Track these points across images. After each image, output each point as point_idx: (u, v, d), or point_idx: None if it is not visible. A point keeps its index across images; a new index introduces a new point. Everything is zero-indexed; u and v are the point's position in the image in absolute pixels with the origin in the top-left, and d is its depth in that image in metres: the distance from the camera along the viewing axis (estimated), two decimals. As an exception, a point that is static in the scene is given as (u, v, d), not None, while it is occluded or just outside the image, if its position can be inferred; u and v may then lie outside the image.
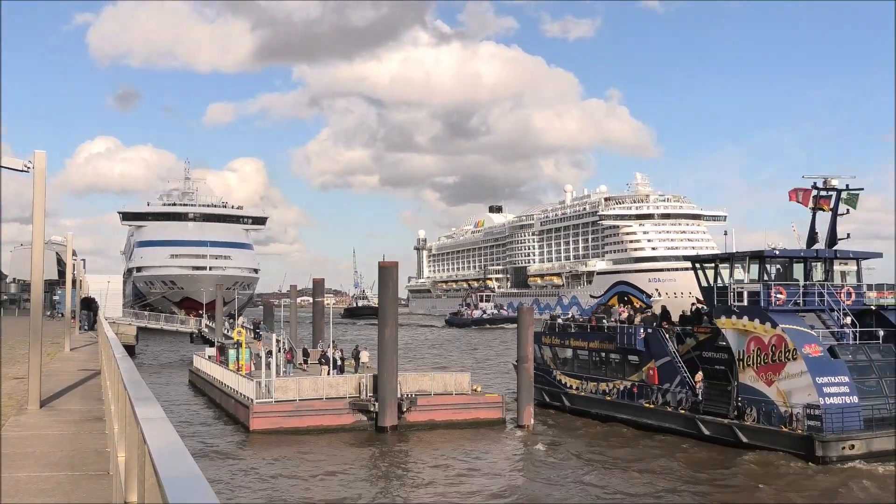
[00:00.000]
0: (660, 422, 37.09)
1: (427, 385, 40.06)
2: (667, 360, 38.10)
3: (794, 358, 32.29)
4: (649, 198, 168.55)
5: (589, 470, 30.44)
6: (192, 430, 37.88)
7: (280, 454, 32.39)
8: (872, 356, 33.95)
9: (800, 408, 31.46)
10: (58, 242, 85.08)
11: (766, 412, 32.73)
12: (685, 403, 36.29)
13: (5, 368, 23.90)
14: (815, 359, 32.06)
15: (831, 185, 38.31)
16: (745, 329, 34.54)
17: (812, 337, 33.12)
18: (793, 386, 32.10)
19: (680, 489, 27.75)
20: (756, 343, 33.86)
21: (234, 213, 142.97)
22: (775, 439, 31.95)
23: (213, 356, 52.97)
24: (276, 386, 37.87)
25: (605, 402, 41.00)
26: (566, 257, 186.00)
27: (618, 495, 26.71)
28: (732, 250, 38.77)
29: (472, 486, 27.66)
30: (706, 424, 34.67)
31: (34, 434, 12.67)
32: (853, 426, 30.84)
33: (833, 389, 31.31)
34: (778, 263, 37.39)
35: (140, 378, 7.98)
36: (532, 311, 44.61)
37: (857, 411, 31.16)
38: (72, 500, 8.43)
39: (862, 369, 33.21)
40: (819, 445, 30.05)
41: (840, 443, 30.20)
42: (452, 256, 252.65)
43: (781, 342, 32.87)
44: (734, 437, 33.30)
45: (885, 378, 33.14)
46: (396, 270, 40.81)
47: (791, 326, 33.20)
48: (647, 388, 38.66)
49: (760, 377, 33.48)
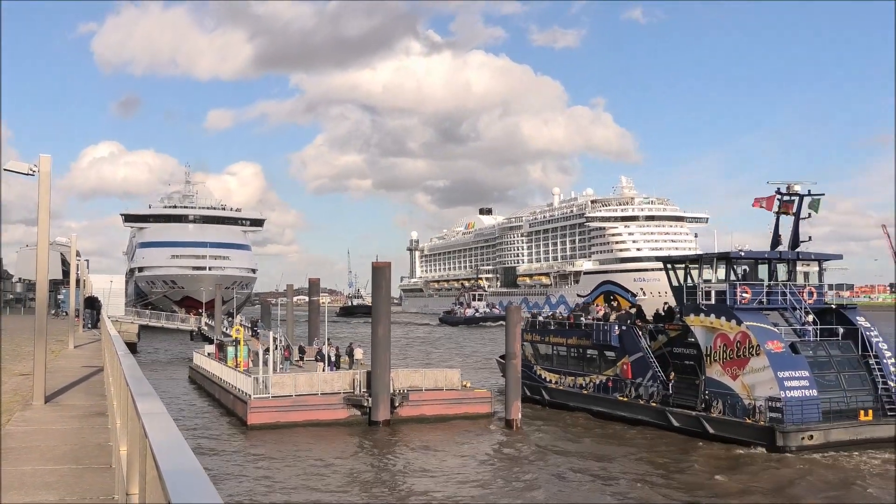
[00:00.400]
0: (633, 414, 37.71)
1: (418, 381, 40.05)
2: (639, 356, 38.72)
3: (757, 353, 32.95)
4: (634, 200, 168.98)
5: (571, 460, 30.52)
6: (192, 424, 37.81)
7: (277, 448, 32.34)
8: (832, 352, 34.57)
9: (762, 400, 32.09)
10: (62, 243, 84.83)
11: (732, 405, 33.38)
12: (656, 396, 37.00)
13: (11, 365, 23.82)
14: (776, 354, 32.71)
15: (794, 191, 39.18)
16: (712, 326, 35.26)
17: (774, 334, 33.84)
18: (756, 380, 32.76)
19: (649, 477, 28.08)
20: (722, 339, 34.54)
21: (232, 216, 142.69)
22: (739, 430, 32.54)
23: (213, 353, 52.81)
24: (272, 382, 37.80)
25: (582, 396, 41.74)
26: (554, 258, 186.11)
27: (597, 482, 26.76)
28: (715, 251, 39.24)
29: (461, 478, 27.65)
30: (675, 416, 35.34)
31: (39, 429, 12.65)
32: (812, 418, 31.49)
33: (793, 383, 32.00)
34: (744, 264, 38.23)
35: (141, 374, 7.98)
36: (520, 310, 44.63)
37: (815, 404, 31.82)
38: (75, 493, 8.42)
39: (821, 364, 33.79)
40: (780, 436, 30.71)
41: (799, 433, 30.79)
42: (444, 257, 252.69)
43: (746, 338, 33.53)
44: (701, 429, 33.94)
45: (843, 373, 33.82)
46: (389, 271, 40.80)
47: (755, 324, 33.88)
48: (621, 382, 39.34)
49: (726, 372, 34.14)
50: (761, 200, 39.60)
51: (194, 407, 44.36)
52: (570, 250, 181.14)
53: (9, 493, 8.37)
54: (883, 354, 34.39)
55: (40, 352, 15.63)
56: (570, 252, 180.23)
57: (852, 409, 32.54)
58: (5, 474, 9.28)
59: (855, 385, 33.58)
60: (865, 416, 32.38)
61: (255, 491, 25.52)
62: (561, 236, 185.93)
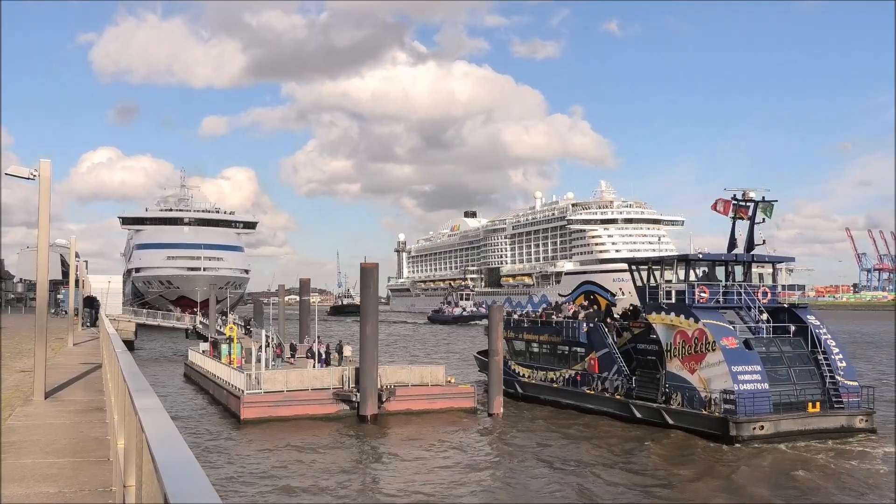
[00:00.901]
0: (599, 406, 38.36)
1: (405, 377, 40.03)
2: (606, 352, 39.50)
3: (713, 349, 33.58)
4: (613, 204, 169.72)
5: (548, 451, 30.64)
6: (187, 419, 37.65)
7: (269, 441, 32.25)
8: (783, 348, 35.20)
9: (717, 393, 32.74)
10: (62, 245, 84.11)
11: (689, 397, 34.09)
12: (621, 390, 37.67)
13: (13, 362, 23.69)
14: (731, 350, 33.35)
15: (749, 197, 39.82)
16: (672, 324, 35.90)
17: (729, 331, 34.39)
18: (712, 374, 33.39)
19: (615, 464, 28.60)
20: (681, 336, 35.20)
21: (226, 218, 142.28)
22: (696, 421, 33.25)
23: (207, 351, 52.57)
24: (265, 378, 37.71)
25: (553, 389, 42.26)
26: (536, 259, 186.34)
27: (569, 472, 26.83)
28: (690, 253, 39.84)
29: (446, 469, 27.65)
30: (638, 408, 36.09)
31: (39, 423, 12.59)
32: (763, 409, 32.12)
33: (746, 377, 32.62)
34: (702, 266, 39.38)
35: (138, 371, 7.96)
36: (502, 309, 44.72)
37: (767, 396, 32.46)
38: (74, 485, 8.39)
39: (773, 360, 34.41)
40: (733, 426, 31.35)
41: (751, 424, 31.44)
42: (430, 258, 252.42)
43: (703, 335, 34.14)
44: (662, 419, 34.66)
45: (794, 367, 34.44)
46: (377, 271, 40.75)
47: (711, 321, 34.53)
48: (588, 377, 39.98)
49: (685, 366, 34.80)
50: (718, 205, 40.21)
51: (189, 402, 44.16)
52: (551, 251, 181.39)
53: (10, 485, 8.33)
54: (831, 350, 34.95)
55: (40, 349, 15.55)
56: (552, 253, 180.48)
57: (801, 402, 33.26)
58: (7, 467, 9.23)
59: (804, 379, 34.23)
60: (813, 409, 33.11)
61: (247, 482, 25.43)
62: (543, 238, 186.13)
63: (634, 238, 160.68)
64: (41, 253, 16.09)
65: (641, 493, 24.83)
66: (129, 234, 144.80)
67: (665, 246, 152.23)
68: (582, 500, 23.81)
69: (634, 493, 24.73)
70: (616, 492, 24.74)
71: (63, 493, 8.02)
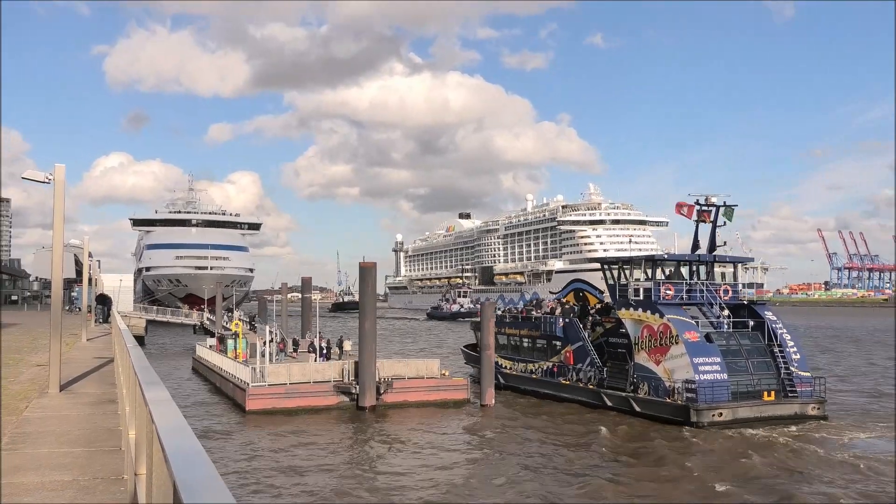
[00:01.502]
0: (573, 395, 39.10)
1: (402, 370, 39.99)
2: (580, 345, 40.40)
3: (676, 342, 34.46)
4: (601, 206, 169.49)
5: (534, 438, 30.86)
6: (195, 410, 37.55)
7: (273, 431, 32.21)
8: (742, 341, 35.95)
9: (680, 383, 33.63)
10: (76, 245, 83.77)
11: (655, 386, 34.99)
12: (593, 380, 38.52)
13: (29, 356, 23.61)
14: (693, 343, 34.19)
15: (711, 202, 40.55)
16: (639, 319, 36.76)
17: (692, 325, 35.34)
18: (675, 365, 34.28)
19: (588, 447, 29.38)
20: (648, 330, 36.06)
21: (231, 220, 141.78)
22: (661, 408, 34.13)
23: (214, 346, 52.52)
24: (269, 371, 37.65)
25: (532, 380, 43.04)
26: (528, 258, 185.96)
27: (552, 456, 26.90)
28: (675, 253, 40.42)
29: (440, 456, 27.64)
30: (608, 397, 36.95)
31: (55, 415, 12.55)
32: (722, 398, 33.02)
33: (707, 368, 33.53)
34: (668, 266, 40.30)
35: (149, 365, 7.93)
36: (493, 306, 44.81)
37: (725, 386, 33.34)
38: (88, 473, 8.36)
39: (732, 352, 35.20)
40: (694, 413, 32.36)
41: (710, 411, 32.39)
42: (426, 257, 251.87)
43: (667, 329, 35.03)
44: (630, 407, 35.49)
45: (751, 359, 35.26)
46: (375, 270, 40.71)
47: (675, 317, 35.41)
48: (564, 368, 40.82)
49: (651, 358, 35.65)
50: (682, 208, 40.81)
51: (197, 394, 44.07)
52: (542, 251, 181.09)
53: (27, 473, 8.31)
54: (786, 344, 35.75)
55: (55, 344, 15.50)
56: (543, 253, 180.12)
57: (758, 391, 34.19)
58: (24, 456, 9.20)
59: (761, 370, 35.01)
60: (769, 397, 34.10)
61: (253, 470, 25.40)
62: (534, 238, 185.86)
63: (621, 238, 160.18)
64: (56, 253, 16.04)
65: (611, 473, 25.09)
66: (139, 235, 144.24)
67: (650, 246, 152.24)
68: (560, 481, 23.85)
69: (605, 472, 25.01)
70: (590, 468, 24.82)
71: (77, 481, 7.99)
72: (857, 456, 27.17)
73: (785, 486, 23.59)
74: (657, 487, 23.77)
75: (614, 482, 24.14)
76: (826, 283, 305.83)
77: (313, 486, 23.50)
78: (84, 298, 44.67)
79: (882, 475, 24.58)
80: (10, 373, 18.29)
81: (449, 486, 23.56)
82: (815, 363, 59.24)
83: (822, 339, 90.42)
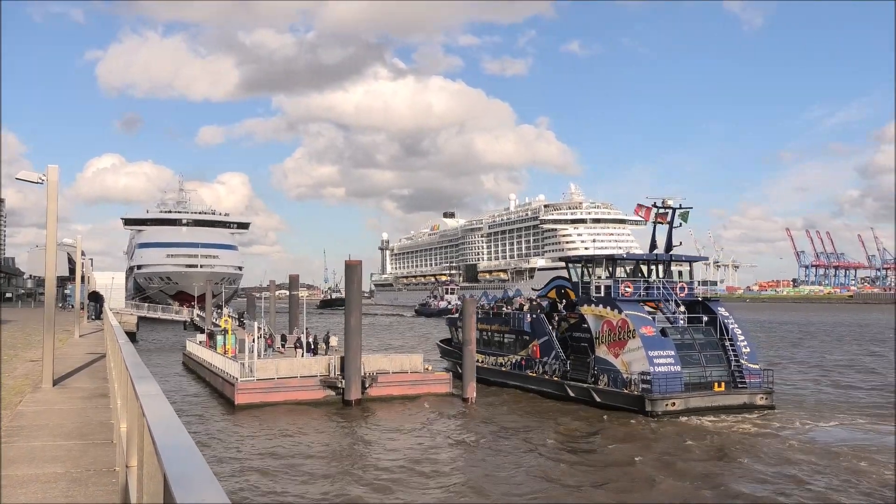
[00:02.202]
0: (539, 387, 40.03)
1: (386, 365, 39.98)
2: (546, 339, 41.17)
3: (633, 336, 35.34)
4: (582, 205, 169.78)
5: (513, 428, 30.89)
6: (185, 404, 37.36)
7: (261, 424, 32.09)
8: (696, 336, 36.93)
9: (636, 374, 34.50)
10: (69, 244, 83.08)
11: (614, 378, 35.85)
12: (558, 372, 39.39)
13: (23, 352, 23.42)
14: (648, 337, 35.14)
15: (668, 205, 41.25)
16: (600, 315, 37.54)
17: (648, 321, 36.18)
18: (632, 358, 35.15)
19: (552, 435, 30.47)
20: (608, 325, 36.85)
21: (221, 219, 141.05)
22: (619, 399, 35.05)
23: (204, 341, 52.21)
24: (257, 366, 37.50)
25: (501, 373, 43.60)
26: (511, 256, 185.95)
27: (525, 443, 27.00)
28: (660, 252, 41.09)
29: (423, 447, 27.65)
30: (571, 388, 37.84)
31: (48, 409, 12.46)
32: (675, 388, 34.00)
33: (661, 361, 34.45)
34: (628, 265, 41.49)
35: (140, 360, 7.90)
36: (475, 302, 44.83)
37: (679, 377, 34.28)
38: (80, 465, 8.33)
39: (686, 346, 36.12)
40: (648, 403, 33.37)
41: (664, 401, 33.41)
42: (412, 255, 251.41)
43: (625, 324, 35.88)
44: (591, 398, 36.39)
45: (704, 352, 36.19)
46: (361, 268, 40.64)
47: (632, 312, 36.23)
48: (531, 361, 41.57)
49: (610, 351, 36.51)
50: (640, 211, 41.48)
51: (187, 389, 43.84)
52: (525, 249, 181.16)
53: (20, 466, 8.26)
54: (737, 338, 36.65)
55: (49, 340, 15.39)
56: (526, 251, 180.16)
57: (709, 382, 35.25)
58: (18, 449, 9.15)
59: (713, 362, 36.00)
60: (719, 388, 35.19)
61: (241, 462, 25.31)
62: (517, 237, 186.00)
63: (602, 237, 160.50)
64: (49, 251, 15.92)
65: (574, 456, 25.58)
66: (131, 234, 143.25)
67: (630, 244, 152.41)
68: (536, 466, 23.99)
69: (570, 455, 25.50)
70: (553, 452, 25.10)
71: (69, 473, 7.96)
72: (801, 442, 28.10)
73: (720, 472, 24.40)
74: (606, 474, 24.25)
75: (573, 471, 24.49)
76: (794, 280, 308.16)
77: (300, 477, 23.44)
78: (77, 296, 44.33)
79: (820, 462, 25.18)
80: (4, 368, 18.14)
81: (434, 476, 23.59)
82: (779, 356, 59.93)
83: (786, 334, 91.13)
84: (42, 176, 15.67)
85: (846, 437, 29.10)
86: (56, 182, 15.60)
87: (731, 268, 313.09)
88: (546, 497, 21.72)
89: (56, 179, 15.61)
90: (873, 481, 22.74)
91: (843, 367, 54.38)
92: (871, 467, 24.21)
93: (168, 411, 4.29)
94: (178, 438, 3.46)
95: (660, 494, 21.98)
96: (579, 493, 22.15)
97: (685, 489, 22.44)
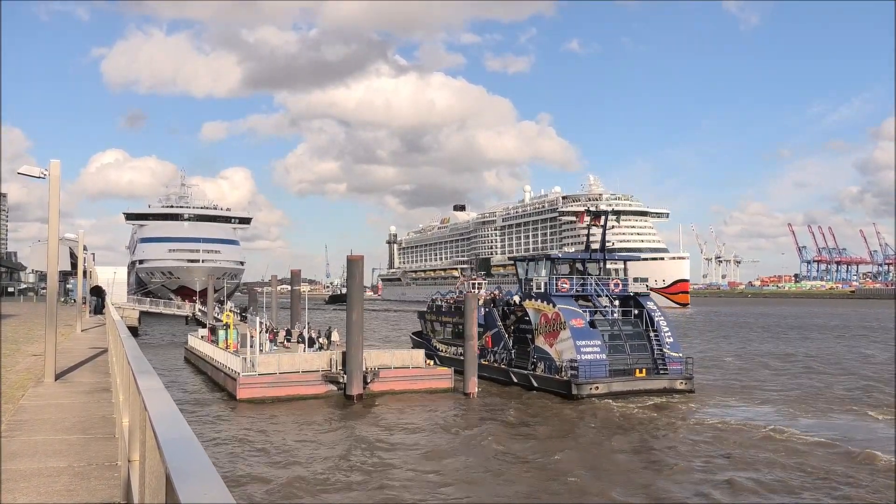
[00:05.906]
0: (490, 374, 43.18)
1: (388, 360, 39.99)
2: (496, 331, 45.18)
3: (564, 328, 38.95)
4: (602, 196, 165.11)
5: (515, 424, 30.81)
6: (187, 398, 37.41)
7: (262, 419, 32.11)
8: (623, 327, 40.69)
9: (566, 362, 38.12)
10: (71, 239, 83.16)
11: (549, 365, 39.58)
12: (506, 361, 43.34)
13: (25, 347, 23.45)
14: (577, 328, 38.62)
15: (600, 209, 45.57)
16: (539, 308, 41.34)
17: (579, 314, 39.64)
18: (563, 347, 38.85)
19: (503, 413, 34.32)
20: (544, 318, 40.56)
21: (223, 214, 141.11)
22: (551, 384, 38.66)
23: (206, 336, 52.27)
24: (259, 361, 37.54)
25: (459, 361, 44.32)
26: (526, 248, 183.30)
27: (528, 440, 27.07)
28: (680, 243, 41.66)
29: (425, 444, 27.67)
30: (515, 375, 41.88)
31: (50, 403, 12.47)
32: (600, 374, 37.62)
33: (588, 349, 38.04)
34: (566, 263, 44.73)
35: (142, 355, 7.90)
36: (476, 297, 44.87)
37: (604, 364, 37.98)
38: (83, 459, 8.34)
39: (613, 336, 40.02)
40: (574, 387, 36.92)
41: (588, 385, 37.05)
42: (421, 249, 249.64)
43: (558, 317, 39.55)
44: (530, 383, 40.16)
45: (630, 342, 40.03)
46: (362, 263, 40.64)
47: (564, 306, 39.89)
48: (485, 350, 44.40)
49: (546, 342, 40.29)
50: (577, 215, 44.93)
51: (189, 383, 43.89)
52: (541, 241, 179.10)
53: (23, 460, 8.27)
54: (661, 329, 40.26)
55: (51, 335, 15.40)
56: (542, 243, 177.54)
57: (632, 369, 39.00)
58: (20, 443, 9.16)
59: (637, 351, 39.79)
60: (640, 374, 38.96)
61: (242, 457, 25.33)
62: (533, 229, 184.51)
63: (623, 229, 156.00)
64: (51, 246, 15.92)
65: (511, 431, 27.06)
66: (133, 229, 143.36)
67: (652, 237, 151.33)
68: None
69: (507, 432, 27.31)
70: (493, 430, 25.25)
71: (72, 467, 7.97)
72: (712, 422, 31.25)
73: (630, 442, 27.76)
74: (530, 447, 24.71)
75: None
76: (796, 275, 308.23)
77: (302, 471, 23.46)
78: (79, 290, 44.38)
79: (724, 439, 28.09)
80: (6, 362, 18.16)
81: (434, 470, 23.60)
82: (765, 349, 59.87)
83: (793, 328, 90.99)
84: (44, 171, 15.68)
85: (750, 416, 32.76)
86: (58, 177, 15.60)
87: (732, 263, 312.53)
88: (547, 498, 21.72)
89: (58, 174, 15.61)
90: (762, 450, 26.16)
91: (783, 359, 56.94)
92: (762, 442, 27.54)
93: (170, 406, 4.29)
94: (180, 433, 3.46)
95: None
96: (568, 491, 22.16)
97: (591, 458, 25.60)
